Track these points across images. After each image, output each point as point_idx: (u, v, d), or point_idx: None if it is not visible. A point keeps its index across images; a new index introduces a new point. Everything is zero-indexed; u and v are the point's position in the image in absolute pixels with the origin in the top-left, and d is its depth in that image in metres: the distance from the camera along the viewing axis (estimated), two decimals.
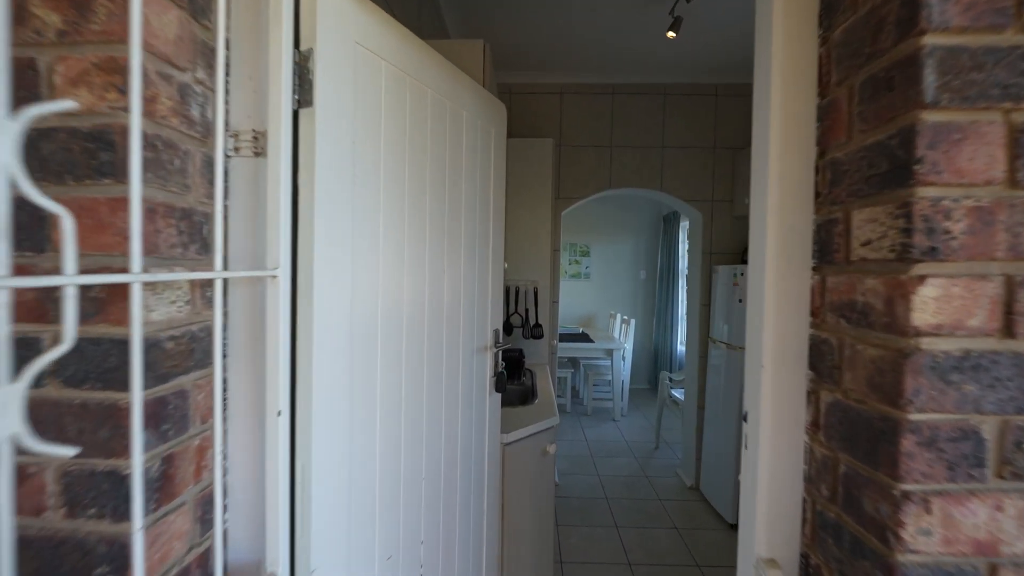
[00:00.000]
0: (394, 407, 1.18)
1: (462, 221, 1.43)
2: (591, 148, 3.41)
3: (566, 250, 6.52)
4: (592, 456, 4.06)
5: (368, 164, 1.08)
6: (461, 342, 1.44)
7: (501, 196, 1.71)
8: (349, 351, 1.03)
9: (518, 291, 3.08)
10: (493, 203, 1.64)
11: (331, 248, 0.98)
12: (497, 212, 1.67)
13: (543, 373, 2.85)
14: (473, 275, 1.49)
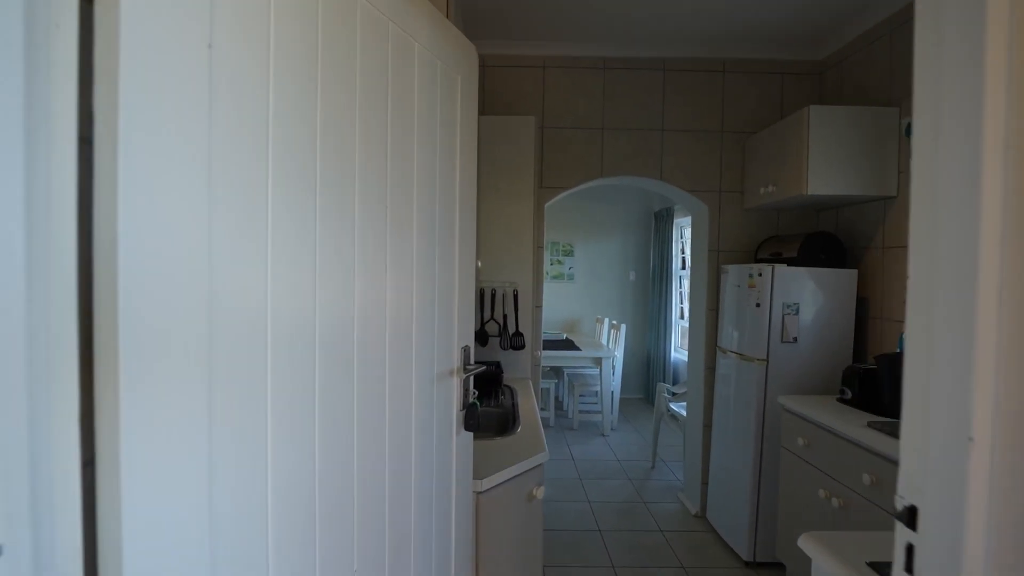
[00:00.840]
0: (301, 464, 0.72)
1: (414, 199, 0.97)
2: (579, 131, 2.98)
3: (548, 249, 6.09)
4: (581, 478, 3.62)
5: (242, 89, 0.63)
6: (414, 367, 0.99)
7: (472, 170, 1.26)
8: (205, 376, 0.57)
9: (494, 294, 2.63)
10: (461, 179, 1.19)
11: (158, 215, 0.53)
12: (466, 191, 1.22)
13: (525, 391, 2.40)
14: (432, 274, 1.04)
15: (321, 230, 0.75)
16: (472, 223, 1.22)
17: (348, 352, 0.80)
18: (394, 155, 0.91)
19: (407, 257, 0.95)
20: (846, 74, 2.77)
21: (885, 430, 1.79)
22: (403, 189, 0.94)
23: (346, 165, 0.80)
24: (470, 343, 1.22)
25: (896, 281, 2.39)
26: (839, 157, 2.38)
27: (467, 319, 1.20)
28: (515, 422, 1.90)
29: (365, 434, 0.85)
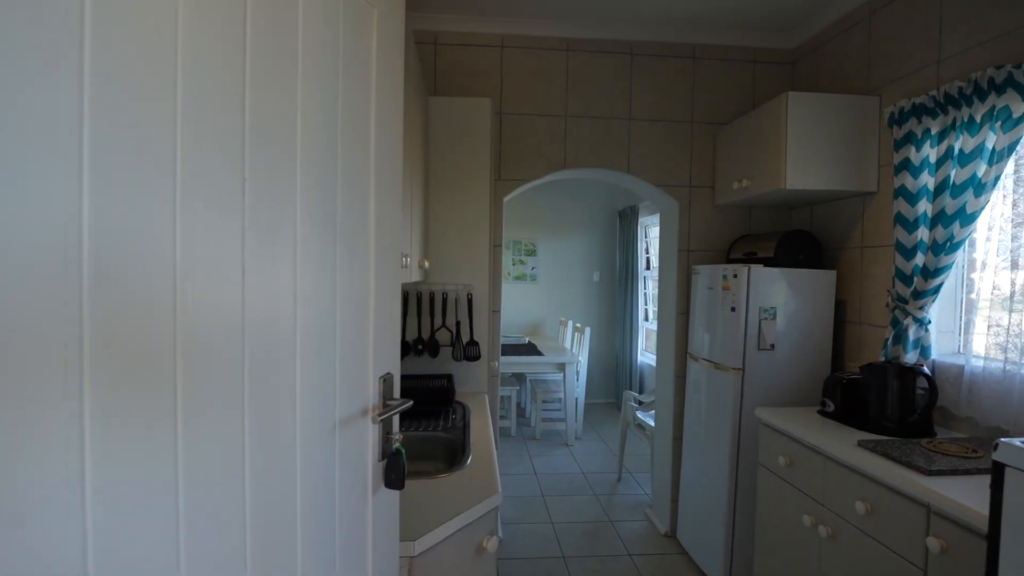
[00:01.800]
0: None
1: (297, 173, 0.67)
2: (541, 117, 2.72)
3: (509, 248, 5.82)
4: (543, 495, 3.36)
5: None
6: (299, 412, 0.69)
7: (395, 138, 0.96)
8: None
9: (446, 298, 2.34)
10: (379, 149, 0.89)
11: None
12: (387, 166, 0.92)
13: (480, 408, 2.12)
14: (329, 278, 0.75)
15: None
16: (395, 208, 0.92)
17: (161, 398, 0.50)
18: (259, 110, 0.61)
19: (284, 252, 0.65)
20: (821, 63, 2.61)
21: (879, 450, 1.60)
22: (277, 157, 0.64)
23: (153, 110, 0.49)
24: (394, 369, 0.92)
25: (876, 283, 2.23)
26: (818, 149, 2.20)
27: (388, 338, 0.90)
28: (465, 451, 1.62)
29: (205, 528, 0.55)
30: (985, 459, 1.53)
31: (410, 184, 1.67)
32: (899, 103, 2.05)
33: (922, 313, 1.95)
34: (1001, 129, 1.67)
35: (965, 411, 1.82)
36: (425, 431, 1.82)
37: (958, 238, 1.81)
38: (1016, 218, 1.65)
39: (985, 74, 1.71)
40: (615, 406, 5.65)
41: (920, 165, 1.97)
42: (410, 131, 1.66)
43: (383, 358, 0.88)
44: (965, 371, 1.82)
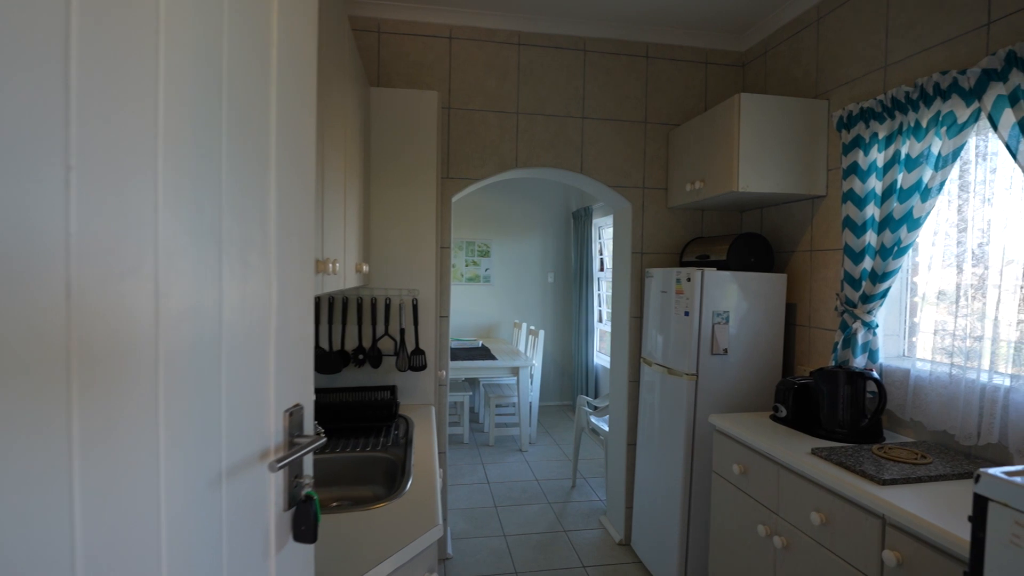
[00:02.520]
0: None
1: (158, 159, 0.51)
2: (491, 114, 2.60)
3: (462, 249, 5.68)
4: (496, 506, 3.24)
5: None
6: (163, 466, 0.53)
7: (307, 126, 0.81)
8: None
9: (388, 304, 2.18)
10: (281, 134, 0.74)
11: None
12: (293, 157, 0.77)
13: (425, 422, 1.98)
14: (212, 289, 0.60)
15: None
16: (307, 207, 0.77)
17: None
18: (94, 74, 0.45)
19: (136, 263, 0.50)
20: (771, 66, 2.61)
21: (833, 459, 1.57)
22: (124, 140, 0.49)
23: None
24: (304, 399, 0.78)
25: (825, 286, 2.24)
26: (770, 151, 2.18)
27: (297, 361, 0.76)
28: (405, 473, 1.47)
29: None
30: (935, 465, 1.52)
31: (344, 180, 1.52)
32: (847, 107, 2.05)
33: (870, 317, 1.95)
34: (947, 134, 1.68)
35: (911, 415, 1.82)
36: (363, 451, 1.67)
37: (905, 242, 1.82)
38: (960, 223, 1.66)
39: (931, 79, 1.71)
40: (570, 408, 5.61)
41: (868, 169, 1.97)
42: (345, 122, 1.51)
43: (289, 386, 0.74)
44: (911, 375, 1.83)
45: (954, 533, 1.13)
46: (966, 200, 1.66)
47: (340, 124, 1.44)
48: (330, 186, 1.29)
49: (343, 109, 1.49)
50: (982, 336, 1.59)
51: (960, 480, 1.45)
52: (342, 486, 1.62)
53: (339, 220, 1.42)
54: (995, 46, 1.58)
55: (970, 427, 1.60)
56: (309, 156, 0.78)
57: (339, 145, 1.43)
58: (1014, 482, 0.59)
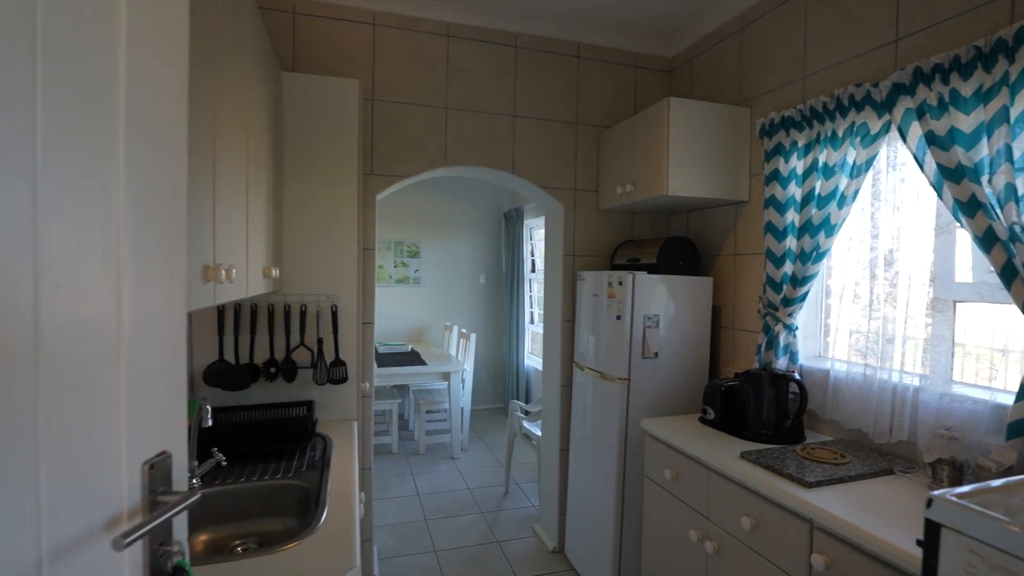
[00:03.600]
0: None
1: None
2: (418, 108, 2.46)
3: (390, 249, 5.45)
4: (426, 519, 3.10)
5: None
6: None
7: (177, 106, 0.66)
8: None
9: (304, 312, 1.99)
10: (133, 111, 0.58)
11: None
12: (158, 142, 0.62)
13: (345, 440, 1.82)
14: (23, 308, 0.45)
15: None
16: (178, 189, 0.62)
17: None
18: None
19: None
20: (696, 73, 2.66)
21: (761, 462, 1.58)
22: None
23: None
24: (174, 444, 0.62)
25: (748, 289, 2.30)
26: (698, 156, 2.21)
27: (163, 397, 0.60)
28: (320, 503, 1.31)
29: None
30: (853, 464, 1.57)
31: (247, 174, 1.33)
32: (769, 115, 2.11)
33: (791, 320, 2.02)
34: (861, 144, 1.75)
35: (830, 414, 1.89)
36: (273, 478, 1.49)
37: (823, 248, 1.88)
38: (873, 230, 1.73)
39: (846, 91, 1.78)
40: (502, 411, 5.54)
41: (788, 176, 2.03)
42: (248, 109, 1.33)
43: (151, 430, 0.58)
44: (830, 376, 1.90)
45: (879, 536, 1.15)
46: (878, 208, 1.74)
47: (241, 110, 1.26)
48: (225, 180, 1.12)
49: (245, 94, 1.31)
50: (893, 338, 1.67)
51: (876, 478, 1.50)
52: (249, 520, 1.43)
53: (239, 219, 1.25)
54: (903, 62, 1.66)
55: (883, 425, 1.67)
56: (179, 145, 0.63)
57: (239, 134, 1.25)
58: (970, 508, 0.55)
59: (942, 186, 1.50)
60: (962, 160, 1.43)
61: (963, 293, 1.54)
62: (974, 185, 1.40)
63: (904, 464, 1.59)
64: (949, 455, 1.42)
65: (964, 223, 1.43)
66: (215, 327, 1.90)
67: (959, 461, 1.41)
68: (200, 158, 0.93)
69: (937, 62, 1.49)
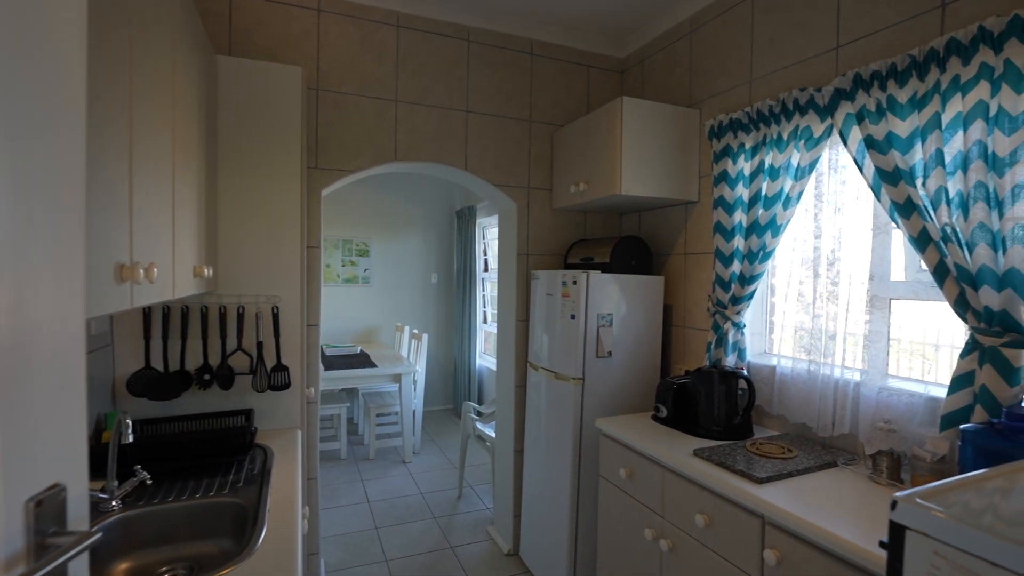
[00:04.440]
0: None
1: None
2: (367, 100, 2.35)
3: (338, 248, 5.26)
4: (377, 527, 2.99)
5: None
6: None
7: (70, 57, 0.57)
8: None
9: (242, 314, 1.85)
10: None
11: None
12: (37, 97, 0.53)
13: (288, 451, 1.71)
14: None
15: None
16: (74, 176, 0.53)
17: None
18: None
19: None
20: (647, 74, 2.68)
21: (714, 459, 1.60)
22: None
23: None
24: (69, 475, 0.53)
25: (697, 287, 2.34)
26: (650, 156, 2.22)
27: (53, 417, 0.52)
28: (257, 523, 1.21)
29: None
30: (800, 458, 1.61)
31: (172, 164, 1.21)
32: (718, 117, 2.15)
33: (739, 318, 2.06)
34: (804, 147, 1.80)
35: (777, 409, 1.95)
36: (207, 495, 1.37)
37: (769, 247, 1.93)
38: (816, 230, 1.79)
39: (791, 95, 1.83)
40: (454, 412, 5.46)
41: (736, 177, 2.08)
42: (173, 92, 1.21)
43: (40, 460, 0.49)
44: (776, 372, 1.95)
45: (827, 530, 1.18)
46: (821, 209, 1.79)
47: (165, 91, 1.15)
48: (146, 167, 1.00)
49: (170, 73, 1.19)
50: (835, 334, 1.73)
51: (822, 471, 1.55)
52: (178, 544, 1.31)
53: (163, 212, 1.13)
54: (844, 68, 1.72)
55: (826, 419, 1.73)
56: (75, 120, 0.54)
57: (163, 117, 1.13)
58: (934, 509, 0.55)
59: (880, 188, 1.56)
60: (899, 163, 1.50)
61: (898, 291, 1.62)
62: (910, 188, 1.47)
63: (846, 456, 1.64)
64: (888, 447, 1.47)
65: (900, 224, 1.49)
66: (141, 332, 1.74)
67: (897, 452, 1.47)
68: (110, 139, 0.82)
69: (876, 69, 1.55)
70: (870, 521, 1.22)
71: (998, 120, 1.28)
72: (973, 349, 1.34)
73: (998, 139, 1.27)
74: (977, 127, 1.31)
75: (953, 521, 0.54)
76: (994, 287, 1.28)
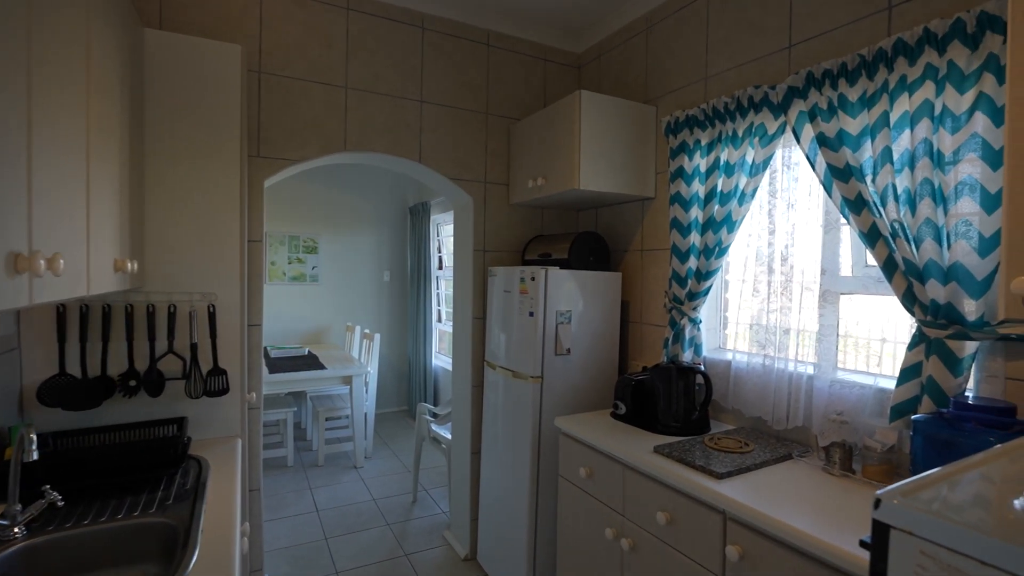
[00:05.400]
0: None
1: None
2: (315, 85, 2.22)
3: (284, 244, 5.02)
4: (326, 537, 2.85)
5: None
6: None
7: None
8: None
9: (174, 313, 1.69)
10: None
11: None
12: None
13: (226, 462, 1.57)
14: None
15: None
16: None
17: None
18: None
19: None
20: (604, 69, 2.67)
21: (674, 455, 1.59)
22: None
23: None
24: None
25: (654, 283, 2.34)
26: (607, 152, 2.20)
27: None
28: (188, 545, 1.09)
29: None
30: (756, 452, 1.62)
31: (88, 145, 1.07)
32: (674, 113, 2.15)
33: (695, 313, 2.07)
34: (759, 144, 1.83)
35: (732, 403, 1.97)
36: (129, 516, 1.23)
37: (725, 243, 1.95)
38: (771, 226, 1.82)
39: (746, 92, 1.85)
40: (408, 414, 5.33)
41: (692, 173, 2.09)
42: (89, 66, 1.07)
43: None
44: (732, 366, 1.98)
45: (787, 523, 1.18)
46: (775, 205, 1.82)
47: (77, 60, 1.01)
48: (51, 146, 0.87)
49: (84, 40, 1.05)
50: (789, 329, 1.76)
51: (778, 464, 1.57)
52: (97, 572, 1.17)
53: (74, 200, 0.99)
54: (796, 66, 1.75)
55: (780, 412, 1.76)
56: None
57: (74, 91, 0.99)
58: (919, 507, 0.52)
59: (831, 184, 1.59)
60: (849, 160, 1.53)
61: (848, 286, 1.66)
62: (860, 184, 1.50)
63: (800, 448, 1.67)
64: (840, 438, 1.51)
65: (851, 220, 1.53)
66: (55, 334, 1.56)
67: (848, 443, 1.50)
68: (2, 109, 0.70)
69: (827, 68, 1.58)
70: (828, 514, 1.23)
71: (943, 119, 1.32)
72: (920, 342, 1.38)
73: (943, 137, 1.32)
74: (923, 126, 1.35)
75: (941, 519, 0.52)
76: (940, 281, 1.32)
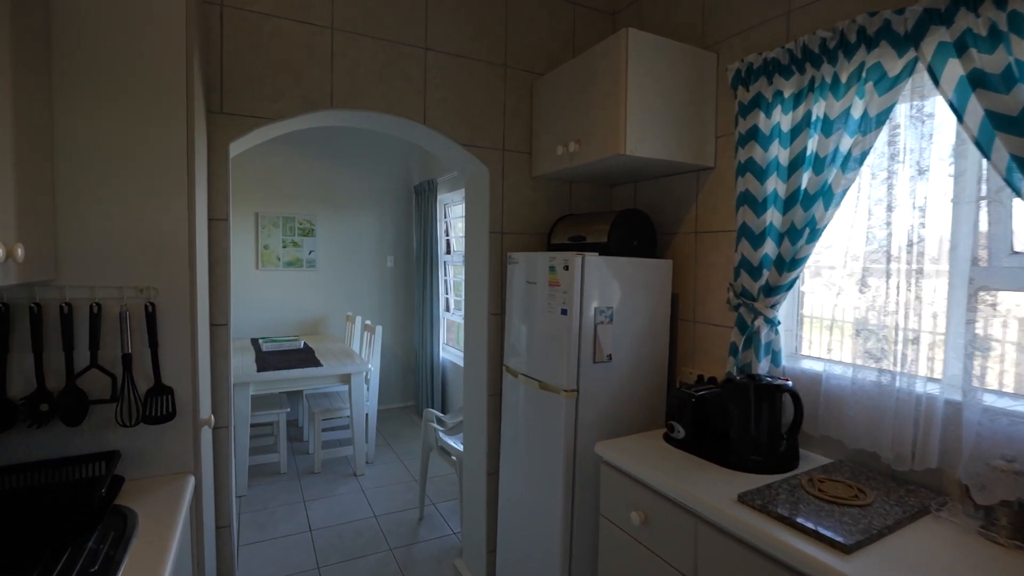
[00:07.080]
0: None
1: None
2: (291, 23, 1.77)
3: (277, 226, 4.59)
4: (319, 566, 2.47)
5: None
6: None
7: None
8: None
9: (99, 314, 1.27)
10: None
11: None
12: None
13: (166, 513, 1.16)
14: None
15: None
16: None
17: None
18: None
19: None
20: (645, 15, 2.20)
21: (771, 510, 1.17)
22: None
23: None
24: None
25: (713, 273, 1.90)
26: (660, 109, 1.75)
27: None
28: None
29: None
30: (878, 505, 1.20)
31: None
32: (746, 59, 1.69)
33: (773, 312, 1.64)
34: (875, 90, 1.37)
35: (822, 429, 1.54)
36: None
37: (821, 222, 1.50)
38: (890, 199, 1.37)
39: (855, 23, 1.38)
40: (413, 411, 4.94)
41: (771, 134, 1.63)
42: None
43: None
44: (823, 381, 1.54)
45: None
46: (895, 172, 1.37)
47: None
48: None
49: None
50: (919, 337, 1.32)
51: (914, 523, 1.15)
52: None
53: None
54: None
55: (903, 448, 1.32)
56: None
57: None
58: None
59: (992, 141, 1.14)
60: None
61: (1012, 280, 1.21)
62: None
63: (936, 498, 1.25)
64: (1015, 495, 1.08)
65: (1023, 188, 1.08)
66: None
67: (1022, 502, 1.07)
68: None
69: None
70: None
71: None
72: None
73: None
74: None
75: None
76: None
